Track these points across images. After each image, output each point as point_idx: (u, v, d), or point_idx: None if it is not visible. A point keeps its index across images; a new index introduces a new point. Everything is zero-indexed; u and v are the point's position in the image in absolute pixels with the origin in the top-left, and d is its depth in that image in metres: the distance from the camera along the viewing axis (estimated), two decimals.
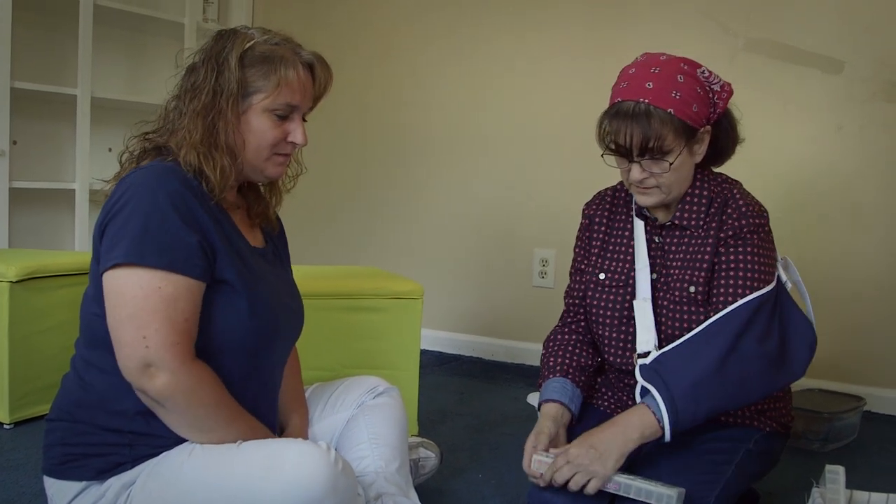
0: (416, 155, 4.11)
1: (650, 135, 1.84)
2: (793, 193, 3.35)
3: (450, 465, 2.39)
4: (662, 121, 1.84)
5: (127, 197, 1.59)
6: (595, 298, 2.07)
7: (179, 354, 1.56)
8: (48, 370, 2.64)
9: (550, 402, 2.01)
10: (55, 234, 3.89)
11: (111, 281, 1.57)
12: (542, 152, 3.81)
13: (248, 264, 1.72)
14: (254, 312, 1.67)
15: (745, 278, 1.91)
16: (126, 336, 1.55)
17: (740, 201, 1.96)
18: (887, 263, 3.27)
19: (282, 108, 1.72)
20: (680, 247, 2.00)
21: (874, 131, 3.27)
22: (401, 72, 4.13)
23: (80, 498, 1.66)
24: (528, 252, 3.87)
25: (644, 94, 1.85)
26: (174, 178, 1.62)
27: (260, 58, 1.70)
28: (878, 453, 2.81)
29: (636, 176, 1.91)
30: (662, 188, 1.92)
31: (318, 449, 1.59)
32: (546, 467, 1.82)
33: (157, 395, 1.57)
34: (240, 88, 1.69)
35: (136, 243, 1.55)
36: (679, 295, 1.95)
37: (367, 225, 4.26)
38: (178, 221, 1.58)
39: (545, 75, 3.78)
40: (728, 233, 1.93)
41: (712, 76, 1.92)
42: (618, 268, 2.07)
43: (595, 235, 2.13)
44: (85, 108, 3.68)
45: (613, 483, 1.77)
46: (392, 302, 2.59)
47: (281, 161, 1.78)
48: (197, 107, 1.68)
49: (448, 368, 3.75)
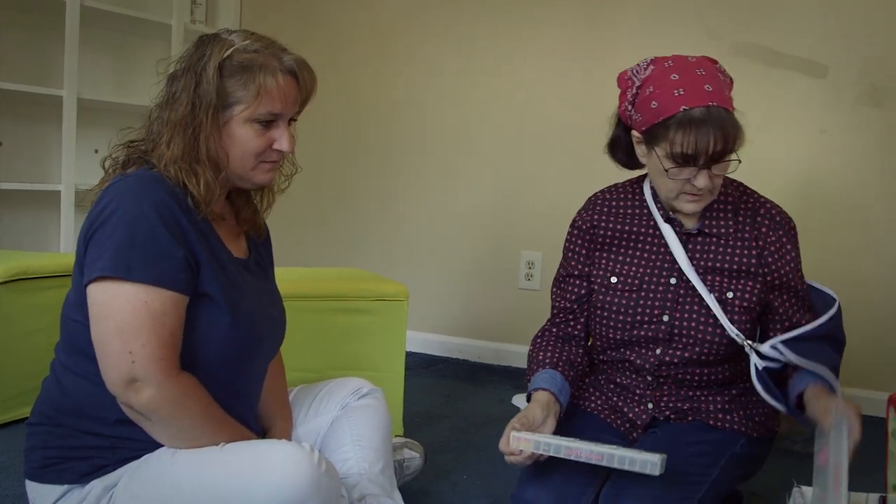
0: (403, 158, 4.11)
1: (734, 137, 1.81)
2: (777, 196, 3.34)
3: (435, 466, 2.40)
4: (733, 121, 1.82)
5: (112, 207, 1.57)
6: (608, 302, 2.05)
7: (165, 369, 1.55)
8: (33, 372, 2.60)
9: (541, 390, 1.97)
10: (41, 236, 3.87)
11: (97, 293, 1.56)
12: (530, 155, 3.81)
13: (232, 277, 1.70)
14: (236, 326, 1.66)
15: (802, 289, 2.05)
16: (112, 350, 1.54)
17: (772, 210, 2.02)
18: (868, 265, 3.29)
19: (263, 118, 1.68)
20: (711, 254, 1.99)
21: (858, 135, 3.29)
22: (389, 76, 4.13)
23: (62, 501, 1.66)
24: (514, 254, 3.88)
25: (709, 98, 1.82)
26: (159, 187, 1.60)
27: (239, 67, 1.66)
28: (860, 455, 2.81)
29: (703, 183, 1.85)
30: (714, 191, 1.91)
31: (301, 450, 1.59)
32: (526, 444, 1.77)
33: (143, 408, 1.57)
34: (219, 99, 1.65)
35: (123, 256, 1.53)
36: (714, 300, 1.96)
37: (354, 227, 4.26)
38: (165, 234, 1.56)
39: (533, 79, 3.78)
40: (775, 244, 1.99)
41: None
42: (631, 271, 2.05)
43: (600, 240, 2.10)
44: (71, 110, 3.66)
45: (596, 454, 1.71)
46: (377, 304, 2.60)
47: (269, 168, 1.76)
48: (175, 118, 1.65)
49: (434, 371, 3.75)
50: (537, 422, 1.86)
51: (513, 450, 1.80)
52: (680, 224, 2.02)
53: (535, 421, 1.86)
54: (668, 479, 1.85)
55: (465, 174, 3.97)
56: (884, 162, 3.26)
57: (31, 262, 2.75)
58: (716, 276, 1.98)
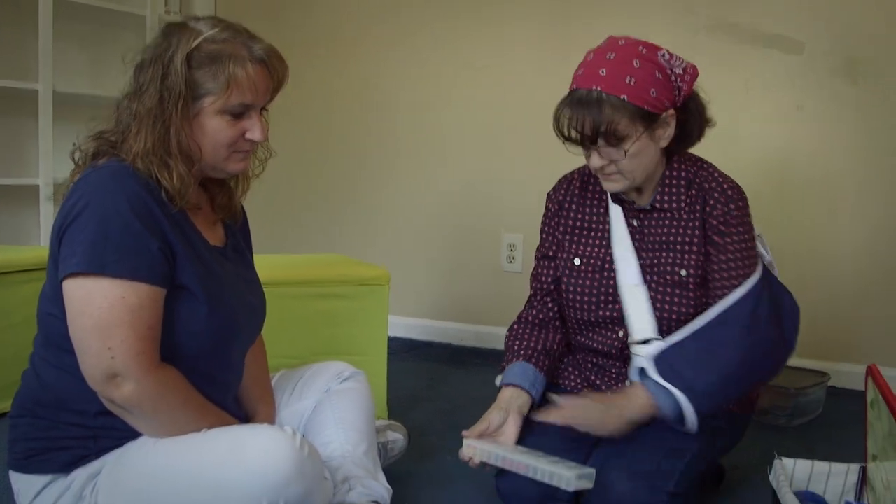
0: (383, 142, 4.10)
1: (601, 122, 1.84)
2: (755, 172, 3.38)
3: (419, 448, 2.40)
4: (615, 107, 1.84)
5: (84, 201, 1.55)
6: (571, 284, 2.08)
7: (145, 363, 1.55)
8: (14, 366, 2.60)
9: (509, 387, 2.03)
10: (19, 230, 3.85)
11: (73, 290, 1.55)
12: (510, 137, 3.81)
13: (209, 267, 1.69)
14: (213, 317, 1.66)
15: (742, 266, 1.95)
16: (91, 347, 1.53)
17: (724, 184, 1.98)
18: (850, 240, 3.31)
19: (235, 109, 1.66)
20: (662, 229, 2.00)
21: (834, 110, 3.30)
22: (367, 61, 4.11)
23: (46, 491, 1.66)
24: (495, 237, 3.88)
25: (597, 82, 1.85)
26: (132, 179, 1.58)
27: (207, 58, 1.62)
28: (842, 428, 2.85)
29: (595, 163, 1.92)
30: (625, 174, 1.93)
31: (283, 434, 1.59)
32: (473, 451, 1.89)
33: (125, 402, 1.57)
34: (189, 90, 1.61)
35: (97, 251, 1.52)
36: (671, 279, 1.97)
37: (335, 214, 4.25)
38: (139, 227, 1.55)
39: (512, 59, 3.78)
40: (719, 218, 1.95)
41: (674, 59, 1.91)
42: (593, 252, 2.07)
43: (565, 221, 2.13)
44: (47, 103, 3.64)
45: (523, 465, 1.81)
46: (358, 288, 2.60)
47: (242, 157, 1.74)
48: (143, 110, 1.62)
49: (418, 355, 3.76)
50: (492, 428, 1.96)
51: (462, 455, 1.92)
52: (632, 203, 2.03)
53: (490, 427, 1.96)
54: (650, 452, 1.87)
55: (444, 157, 3.97)
56: (859, 136, 3.28)
57: (10, 256, 2.74)
58: (669, 253, 1.98)
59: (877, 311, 3.29)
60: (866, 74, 3.25)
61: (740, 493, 2.23)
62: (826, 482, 1.84)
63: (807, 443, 2.68)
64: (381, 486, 1.87)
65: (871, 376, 1.68)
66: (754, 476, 2.31)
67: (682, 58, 1.93)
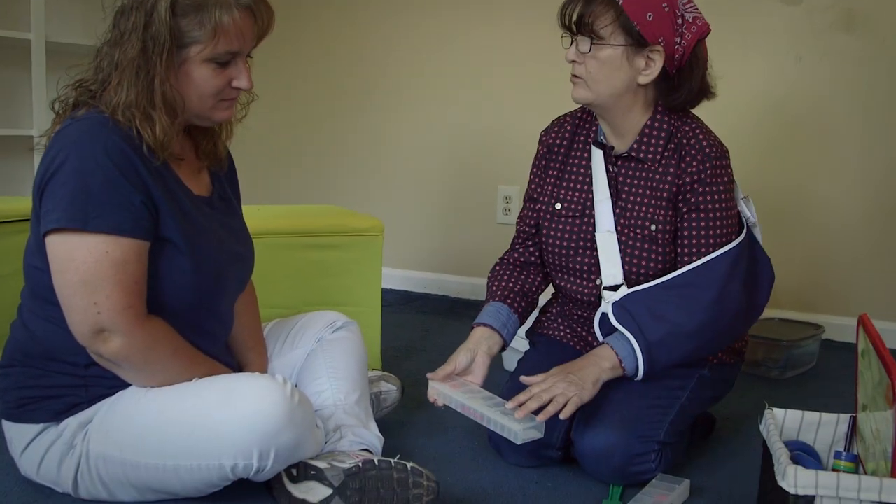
0: (377, 93, 4.07)
1: (587, 11, 1.87)
2: (752, 125, 3.36)
3: (413, 398, 2.41)
4: (605, 5, 1.86)
5: (64, 155, 1.53)
6: (551, 229, 2.08)
7: (132, 317, 1.55)
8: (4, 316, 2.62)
9: (480, 327, 2.05)
10: (13, 181, 3.84)
11: (56, 245, 1.54)
12: (504, 88, 3.78)
13: (192, 218, 1.67)
14: (198, 270, 1.65)
15: (717, 227, 1.93)
16: (77, 303, 1.53)
17: (703, 141, 1.94)
18: (847, 194, 3.30)
19: (221, 57, 1.62)
20: (636, 180, 1.99)
21: (833, 61, 3.27)
22: (363, 9, 4.08)
23: (38, 439, 1.68)
24: (491, 189, 3.87)
25: None
26: (112, 131, 1.56)
27: (192, 5, 1.58)
28: (835, 380, 2.85)
29: (570, 55, 1.92)
30: (588, 82, 1.91)
31: (273, 382, 1.60)
32: (437, 393, 1.92)
33: (113, 357, 1.57)
34: (173, 40, 1.58)
35: (79, 206, 1.51)
36: (641, 233, 1.96)
37: (329, 164, 4.23)
38: (121, 180, 1.53)
39: (504, 11, 3.75)
40: (694, 176, 1.92)
41: (690, 5, 1.91)
42: (574, 197, 2.07)
43: (552, 164, 2.12)
44: (40, 53, 3.61)
45: (478, 414, 1.83)
46: (352, 239, 2.59)
47: (227, 105, 1.71)
48: (125, 60, 1.57)
49: (413, 307, 3.76)
50: (458, 368, 1.97)
51: (429, 395, 1.94)
52: (611, 148, 2.02)
53: (457, 368, 1.97)
54: (638, 404, 1.88)
55: (440, 108, 3.94)
56: (858, 87, 3.26)
57: (3, 207, 2.71)
58: (641, 207, 1.97)
59: (871, 264, 3.29)
60: (864, 23, 3.22)
61: (731, 444, 2.24)
62: (816, 432, 1.84)
63: (799, 395, 2.69)
64: (373, 435, 1.88)
65: (862, 325, 1.68)
66: (745, 427, 2.32)
67: (701, 12, 1.91)
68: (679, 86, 1.95)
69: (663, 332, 1.85)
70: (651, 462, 1.85)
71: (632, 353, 1.85)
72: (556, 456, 1.97)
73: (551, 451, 1.96)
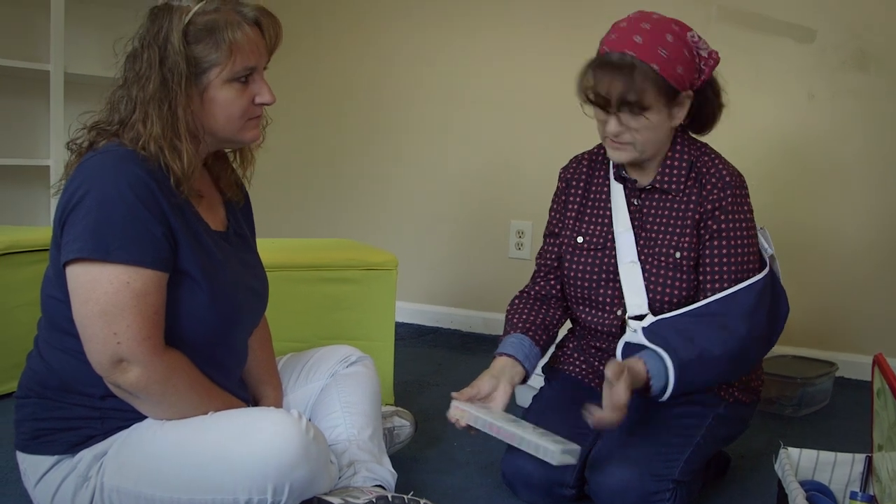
0: (392, 128, 4.10)
1: (631, 88, 1.84)
2: (765, 161, 3.37)
3: (425, 433, 2.41)
4: (645, 76, 1.84)
5: (87, 185, 1.54)
6: (573, 262, 2.09)
7: (151, 348, 1.55)
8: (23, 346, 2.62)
9: (503, 356, 2.05)
10: (30, 211, 3.86)
11: (78, 275, 1.54)
12: (518, 123, 3.80)
13: (210, 252, 1.68)
14: (214, 303, 1.65)
15: (741, 254, 1.94)
16: (96, 333, 1.53)
17: (723, 170, 1.97)
18: (859, 230, 3.30)
19: (241, 74, 1.65)
20: (661, 210, 2.01)
21: (845, 99, 3.28)
22: (375, 43, 4.10)
23: (52, 471, 1.67)
24: (504, 224, 3.88)
25: (631, 47, 1.85)
26: (135, 164, 1.57)
27: (204, 30, 1.61)
28: (849, 418, 2.84)
29: (612, 129, 1.91)
30: (637, 146, 1.93)
31: (289, 417, 1.60)
32: (461, 413, 1.90)
33: (131, 388, 1.57)
34: (191, 67, 1.60)
35: (101, 237, 1.51)
36: (665, 260, 1.98)
37: (343, 198, 4.25)
38: (143, 211, 1.54)
39: (521, 45, 3.77)
40: (715, 203, 1.95)
41: (701, 42, 1.93)
42: (595, 230, 2.08)
43: (572, 199, 2.14)
44: (58, 84, 3.65)
45: (509, 434, 1.81)
46: (366, 273, 2.60)
47: (255, 125, 1.73)
48: (146, 96, 1.60)
49: (426, 341, 3.76)
50: (482, 393, 1.97)
51: (450, 416, 1.93)
52: (633, 181, 2.03)
53: (479, 393, 1.97)
54: (654, 443, 1.87)
55: (453, 143, 3.96)
56: (869, 125, 3.26)
57: (20, 236, 2.75)
58: (665, 235, 1.99)
59: (886, 301, 3.28)
60: (878, 61, 3.23)
61: (745, 482, 2.23)
62: (832, 472, 1.84)
63: (814, 433, 2.68)
64: (386, 471, 1.87)
65: (877, 365, 1.68)
66: (760, 465, 2.31)
67: (707, 42, 1.95)
68: (703, 114, 2.01)
69: (695, 354, 1.83)
70: (666, 501, 1.84)
71: (663, 370, 1.82)
72: (570, 494, 1.96)
73: (565, 489, 1.95)
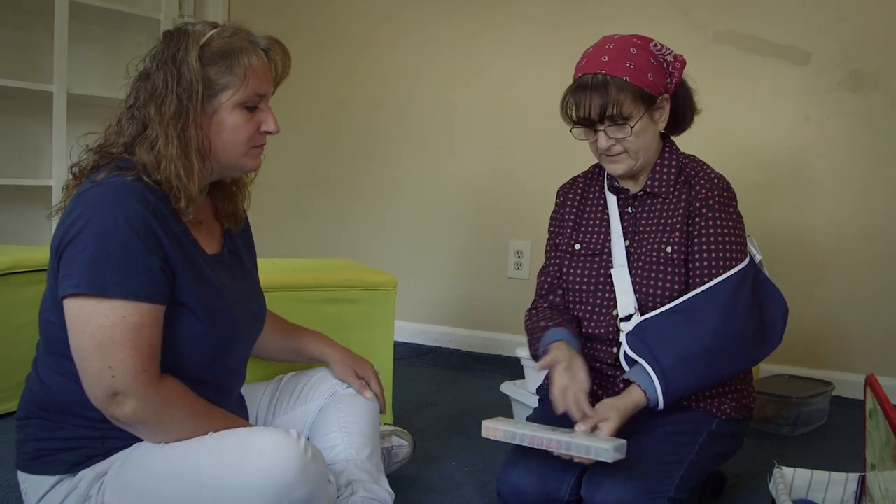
0: (390, 148, 4.13)
1: (608, 101, 1.97)
2: (762, 182, 3.39)
3: (424, 453, 2.42)
4: (619, 88, 1.97)
5: (85, 219, 1.55)
6: (571, 268, 2.16)
7: (146, 381, 1.56)
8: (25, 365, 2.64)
9: (558, 342, 2.02)
10: (32, 231, 3.89)
11: (75, 309, 1.55)
12: (517, 143, 3.83)
13: (208, 282, 1.69)
14: (213, 333, 1.67)
15: (725, 250, 2.00)
16: (92, 366, 1.54)
17: (711, 174, 2.08)
18: (856, 250, 3.32)
19: (251, 100, 1.68)
20: (652, 213, 2.09)
21: (841, 120, 3.31)
22: (371, 66, 4.14)
23: (53, 491, 1.68)
24: (503, 244, 3.90)
25: (600, 67, 1.99)
26: (133, 197, 1.57)
27: (219, 53, 1.65)
28: (846, 437, 2.85)
29: (603, 144, 2.03)
30: (630, 153, 2.04)
31: (288, 437, 1.60)
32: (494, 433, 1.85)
33: (127, 419, 1.58)
34: (205, 88, 1.63)
35: (99, 272, 1.52)
36: (656, 257, 2.04)
37: (342, 218, 4.27)
38: (140, 246, 1.55)
39: (518, 67, 3.80)
40: (703, 202, 2.03)
41: (664, 49, 2.05)
42: (592, 238, 2.16)
43: (568, 212, 2.22)
44: (61, 105, 3.68)
45: (555, 442, 1.78)
46: (365, 293, 2.61)
47: (257, 153, 1.75)
48: (165, 116, 1.62)
49: (425, 360, 3.78)
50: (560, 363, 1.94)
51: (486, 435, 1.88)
52: (626, 191, 2.13)
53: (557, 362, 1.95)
54: (648, 461, 1.89)
55: (452, 163, 3.99)
56: (865, 147, 3.29)
57: (22, 256, 2.76)
58: (656, 234, 2.06)
59: (882, 320, 3.30)
60: (872, 83, 3.26)
61: (741, 502, 2.24)
62: (825, 491, 1.85)
63: (810, 452, 2.69)
64: (384, 491, 1.88)
65: (869, 386, 1.70)
66: (756, 485, 2.32)
67: (670, 48, 2.06)
68: (682, 115, 2.13)
69: (675, 357, 1.89)
70: None
71: (651, 382, 1.88)
72: None
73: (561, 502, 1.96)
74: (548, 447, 1.79)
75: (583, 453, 1.75)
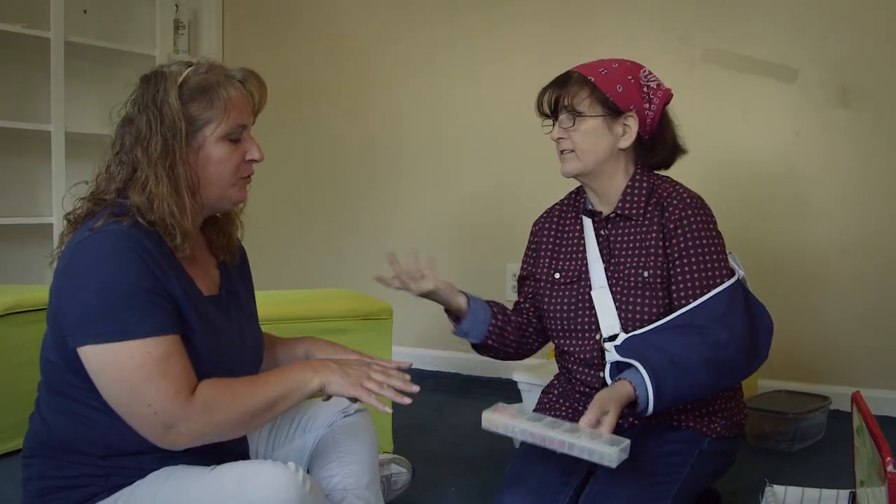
0: (385, 175, 4.17)
1: (563, 93, 2.07)
2: (753, 199, 3.42)
3: (424, 479, 2.44)
4: (579, 84, 2.06)
5: (91, 270, 1.57)
6: (552, 296, 2.18)
7: (184, 400, 1.57)
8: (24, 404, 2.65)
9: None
10: (32, 269, 3.90)
11: (97, 356, 1.56)
12: (512, 167, 3.87)
13: (207, 322, 1.71)
14: (211, 369, 1.68)
15: (709, 269, 2.01)
16: (133, 411, 1.56)
17: (683, 193, 2.08)
18: (849, 265, 3.35)
19: (234, 131, 1.70)
20: (626, 236, 2.10)
21: (830, 136, 3.35)
22: (365, 96, 4.18)
23: None
24: (500, 267, 3.93)
25: (576, 69, 2.08)
26: (132, 245, 1.59)
27: (198, 89, 1.67)
28: (844, 452, 2.85)
29: (554, 134, 2.12)
30: (577, 153, 2.08)
31: (286, 470, 1.61)
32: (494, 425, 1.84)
33: (189, 443, 1.60)
34: (187, 125, 1.66)
35: (114, 317, 1.54)
36: (633, 281, 2.05)
37: (336, 247, 4.30)
38: (146, 286, 1.57)
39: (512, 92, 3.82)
40: (677, 223, 2.03)
41: (651, 76, 2.09)
42: (570, 265, 2.18)
43: (545, 242, 2.26)
44: (59, 143, 3.72)
45: (558, 442, 1.74)
46: (362, 323, 2.64)
47: (244, 184, 1.78)
48: (152, 157, 1.64)
49: (425, 385, 3.73)
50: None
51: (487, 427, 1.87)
52: (599, 213, 2.15)
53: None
54: (641, 480, 1.90)
55: (447, 187, 4.03)
56: (854, 162, 3.32)
57: (23, 296, 2.79)
58: (632, 257, 2.07)
59: (876, 334, 3.32)
60: (860, 99, 3.30)
61: None
62: None
63: (809, 467, 2.70)
64: None
65: (855, 403, 1.72)
66: (751, 501, 2.33)
67: (661, 81, 2.09)
68: (654, 146, 2.13)
69: (667, 359, 1.88)
70: None
71: (642, 381, 1.85)
72: None
73: None
74: (550, 446, 1.75)
75: (586, 456, 1.72)
